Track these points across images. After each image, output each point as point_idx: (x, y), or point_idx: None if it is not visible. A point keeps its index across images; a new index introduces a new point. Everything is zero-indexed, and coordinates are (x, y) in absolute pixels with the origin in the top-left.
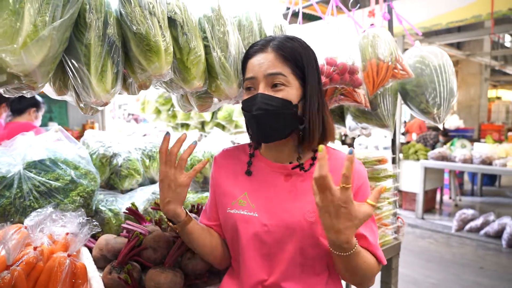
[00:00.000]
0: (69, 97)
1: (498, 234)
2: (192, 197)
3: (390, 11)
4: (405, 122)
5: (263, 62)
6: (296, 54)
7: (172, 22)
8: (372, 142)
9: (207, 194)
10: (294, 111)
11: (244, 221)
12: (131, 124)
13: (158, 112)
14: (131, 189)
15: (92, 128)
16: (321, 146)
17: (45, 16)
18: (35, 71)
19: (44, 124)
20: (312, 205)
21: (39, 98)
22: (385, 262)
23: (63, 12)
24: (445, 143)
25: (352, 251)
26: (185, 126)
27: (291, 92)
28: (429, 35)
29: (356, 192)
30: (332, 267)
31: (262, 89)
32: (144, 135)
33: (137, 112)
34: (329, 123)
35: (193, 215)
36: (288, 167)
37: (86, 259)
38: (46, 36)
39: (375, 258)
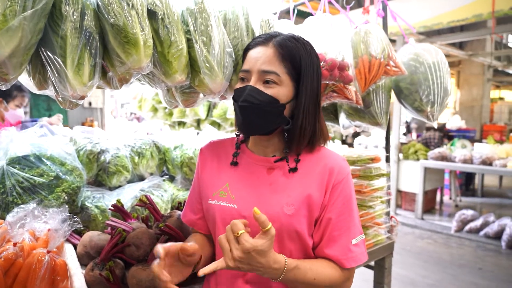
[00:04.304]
0: (50, 92)
1: (498, 235)
2: (182, 195)
3: (384, 8)
4: (406, 122)
5: (261, 56)
6: (295, 55)
7: (152, 14)
8: (372, 142)
9: None
10: (280, 110)
11: (223, 212)
12: (133, 123)
13: (155, 110)
14: (120, 186)
15: (92, 126)
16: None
17: (15, 6)
18: (5, 62)
19: None
20: (291, 199)
21: (12, 88)
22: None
23: (35, 2)
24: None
25: (282, 276)
26: (182, 124)
27: (282, 91)
28: (431, 34)
29: (334, 186)
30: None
31: (253, 82)
32: (147, 134)
33: (135, 110)
34: (322, 126)
35: (178, 212)
36: (270, 160)
37: (70, 255)
38: (16, 26)
39: (336, 265)
